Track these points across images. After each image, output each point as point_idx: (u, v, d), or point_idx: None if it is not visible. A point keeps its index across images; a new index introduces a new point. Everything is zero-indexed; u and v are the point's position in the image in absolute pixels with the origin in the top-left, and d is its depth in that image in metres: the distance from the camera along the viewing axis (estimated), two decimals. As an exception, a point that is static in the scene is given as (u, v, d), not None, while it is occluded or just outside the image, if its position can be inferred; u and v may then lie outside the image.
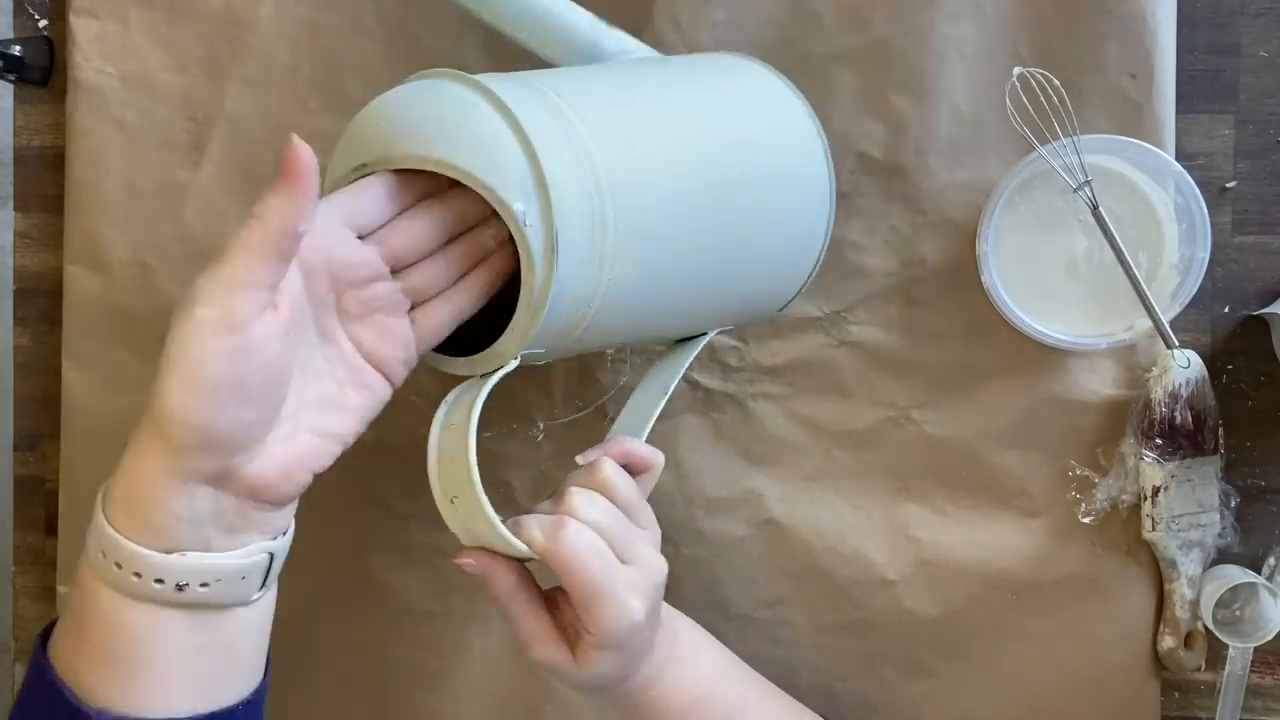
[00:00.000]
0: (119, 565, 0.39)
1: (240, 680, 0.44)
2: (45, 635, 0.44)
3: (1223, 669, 0.64)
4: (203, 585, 0.39)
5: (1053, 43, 0.63)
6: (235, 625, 0.42)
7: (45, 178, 0.69)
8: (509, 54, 0.65)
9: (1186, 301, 0.61)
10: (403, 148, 0.46)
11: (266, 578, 0.43)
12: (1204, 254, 0.60)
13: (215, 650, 0.42)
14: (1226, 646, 0.64)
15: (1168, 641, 0.64)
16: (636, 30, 0.63)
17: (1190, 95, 0.64)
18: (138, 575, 0.39)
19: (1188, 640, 0.64)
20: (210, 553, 0.39)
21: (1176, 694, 0.66)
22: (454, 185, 0.47)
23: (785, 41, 0.64)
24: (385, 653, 0.67)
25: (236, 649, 0.43)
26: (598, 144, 0.48)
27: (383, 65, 0.66)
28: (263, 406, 0.40)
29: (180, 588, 0.39)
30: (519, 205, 0.45)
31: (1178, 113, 0.63)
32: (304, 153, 0.39)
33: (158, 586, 0.39)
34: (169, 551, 0.39)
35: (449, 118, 0.47)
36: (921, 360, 0.65)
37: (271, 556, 0.42)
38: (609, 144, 0.49)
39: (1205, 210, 0.60)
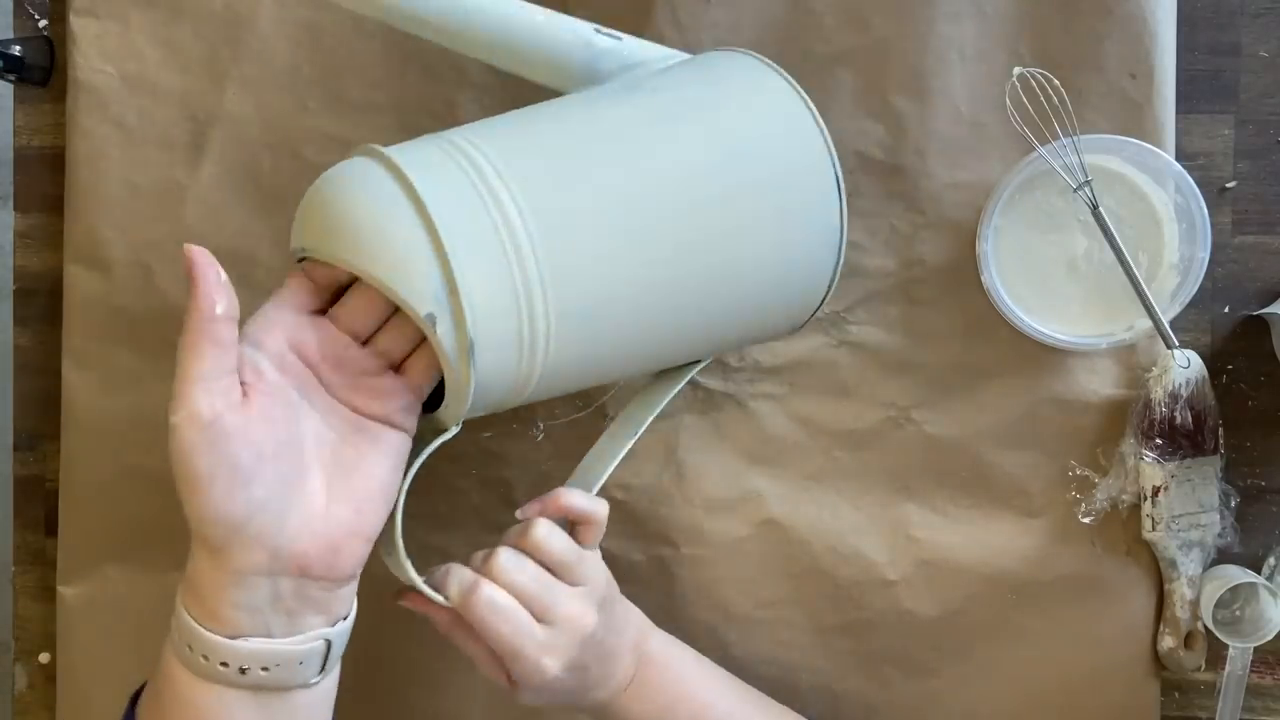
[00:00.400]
0: (190, 648, 0.42)
1: None
2: (135, 697, 0.48)
3: (1223, 669, 0.64)
4: (263, 669, 0.43)
5: (1053, 43, 0.63)
6: (296, 705, 0.45)
7: (45, 178, 0.69)
8: None
9: (1186, 301, 0.61)
10: (326, 247, 0.47)
11: (325, 663, 0.45)
12: (1204, 254, 0.60)
13: None
14: (1226, 646, 0.64)
15: (1168, 641, 0.64)
16: (636, 31, 0.64)
17: (1190, 95, 0.64)
18: (205, 658, 0.42)
19: (1188, 640, 0.64)
20: (271, 639, 0.43)
21: (1176, 694, 0.66)
22: None
23: (785, 41, 0.64)
24: (384, 652, 0.67)
25: None
26: (534, 231, 0.47)
27: (382, 65, 0.66)
28: (269, 482, 0.42)
29: (243, 671, 0.42)
30: (428, 311, 0.45)
31: (1178, 113, 0.63)
32: (198, 254, 0.43)
33: (223, 669, 0.42)
34: (233, 637, 0.42)
35: (365, 218, 0.46)
36: (921, 360, 0.65)
37: (329, 644, 0.45)
38: (550, 228, 0.47)
39: (1205, 210, 0.60)
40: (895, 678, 0.65)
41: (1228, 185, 0.65)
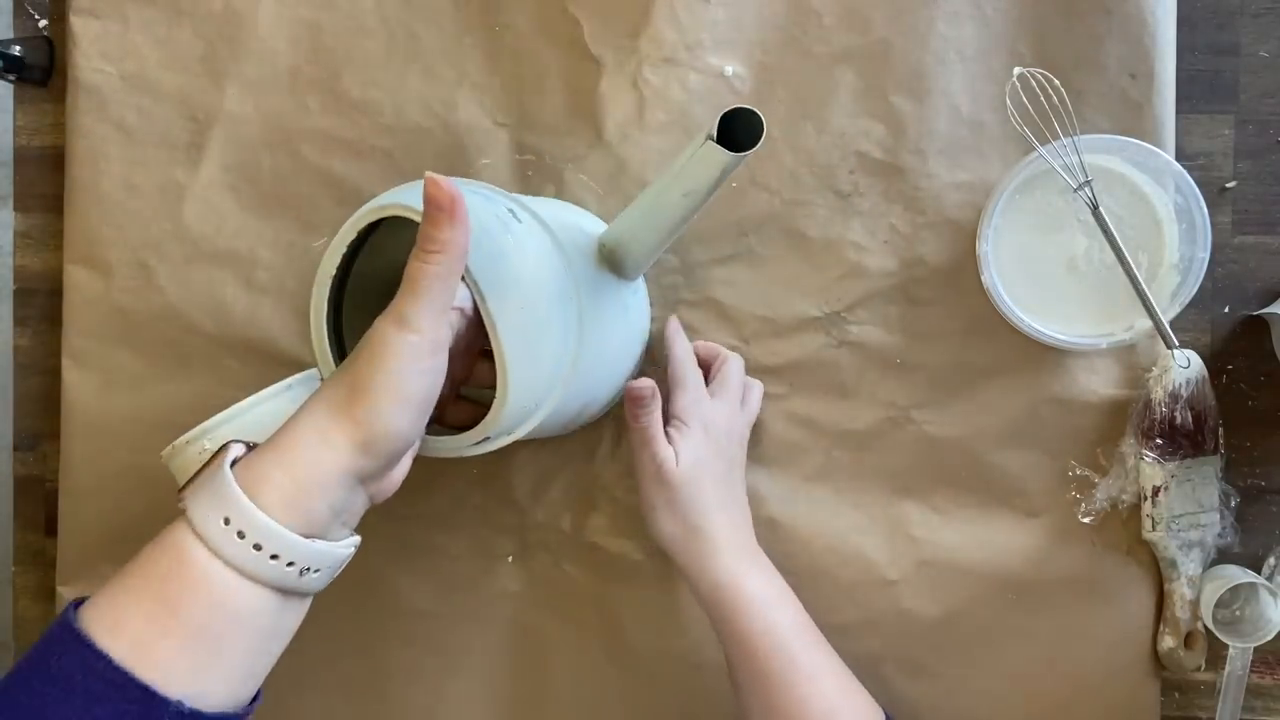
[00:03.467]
0: (258, 546, 0.41)
1: (262, 677, 0.46)
2: (76, 607, 0.44)
3: (1223, 669, 0.64)
4: (315, 571, 0.43)
5: (1052, 43, 0.63)
6: (298, 615, 0.45)
7: (45, 177, 0.69)
8: (508, 52, 0.65)
9: (1186, 301, 0.61)
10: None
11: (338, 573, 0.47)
12: (1204, 254, 0.60)
13: (278, 638, 0.45)
14: (1226, 646, 0.64)
15: (1168, 641, 0.63)
16: (636, 31, 0.64)
17: (1190, 95, 0.64)
18: (275, 557, 0.42)
19: (1188, 640, 0.64)
20: (330, 542, 0.44)
21: (1176, 694, 0.66)
22: None
23: (785, 41, 0.64)
24: (385, 654, 0.67)
25: (284, 640, 0.45)
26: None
27: (382, 64, 0.66)
28: (428, 412, 0.45)
29: (302, 572, 0.42)
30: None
31: (1178, 113, 0.63)
32: (447, 184, 0.43)
33: (288, 569, 0.42)
34: (306, 536, 0.42)
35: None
36: (921, 360, 0.65)
37: (353, 552, 0.46)
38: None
39: (1205, 210, 0.60)
40: (895, 678, 0.65)
41: (1228, 185, 0.65)
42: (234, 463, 0.43)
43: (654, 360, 0.65)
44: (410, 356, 0.43)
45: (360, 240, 0.53)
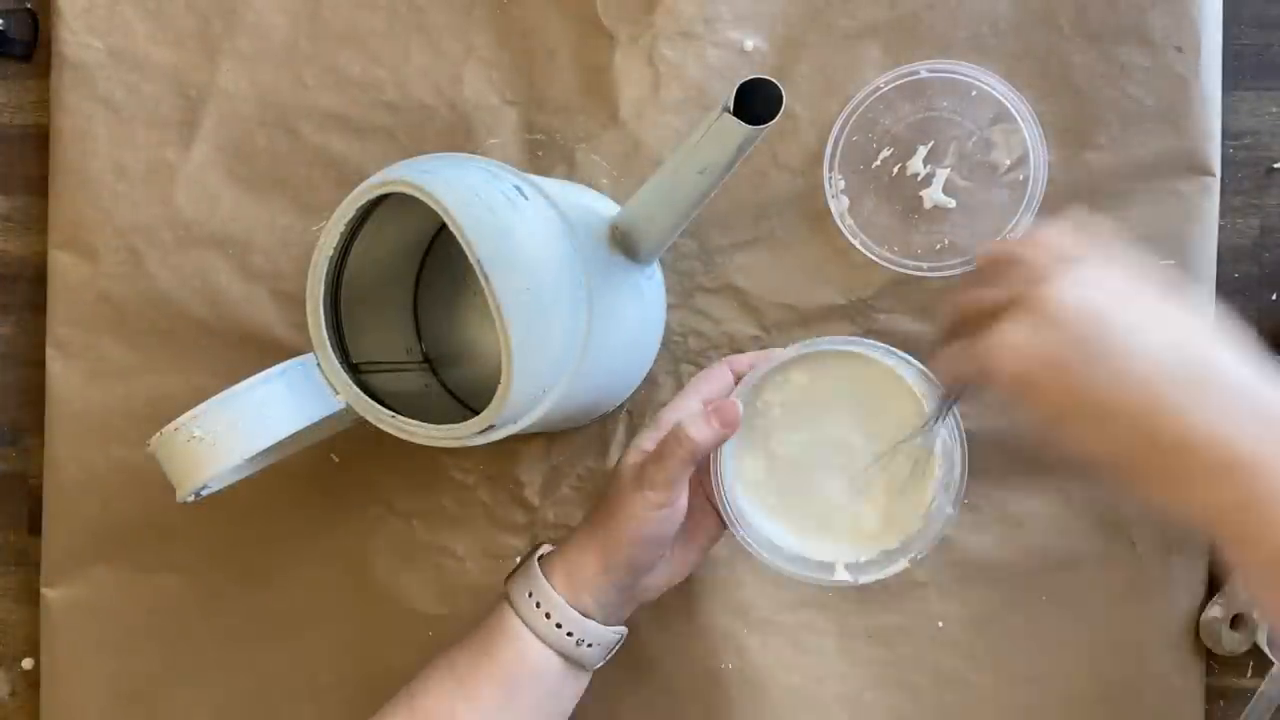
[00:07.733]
0: (548, 615, 0.55)
1: None
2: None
3: (1261, 678, 0.61)
4: (589, 645, 0.55)
5: (1094, 13, 0.60)
6: (577, 687, 0.57)
7: (29, 158, 0.68)
8: (518, 26, 0.64)
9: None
10: None
11: (608, 655, 0.57)
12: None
13: (562, 700, 0.57)
14: (1271, 663, 0.61)
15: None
16: (650, 5, 0.63)
17: (1236, 71, 0.62)
18: (559, 625, 0.55)
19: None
20: (597, 622, 0.56)
21: (1221, 701, 0.63)
22: None
23: (809, 16, 0.62)
24: (387, 658, 0.65)
25: (564, 707, 0.57)
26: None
27: (384, 38, 0.64)
28: (666, 548, 0.56)
29: (578, 643, 0.55)
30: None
31: (1223, 90, 0.61)
32: (736, 411, 0.53)
33: (568, 638, 0.55)
34: (584, 616, 0.55)
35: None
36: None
37: (618, 639, 0.57)
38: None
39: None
40: (926, 686, 0.63)
41: (1275, 166, 0.62)
42: (541, 557, 0.57)
43: (673, 354, 0.64)
44: (642, 509, 0.54)
45: (360, 220, 0.51)
